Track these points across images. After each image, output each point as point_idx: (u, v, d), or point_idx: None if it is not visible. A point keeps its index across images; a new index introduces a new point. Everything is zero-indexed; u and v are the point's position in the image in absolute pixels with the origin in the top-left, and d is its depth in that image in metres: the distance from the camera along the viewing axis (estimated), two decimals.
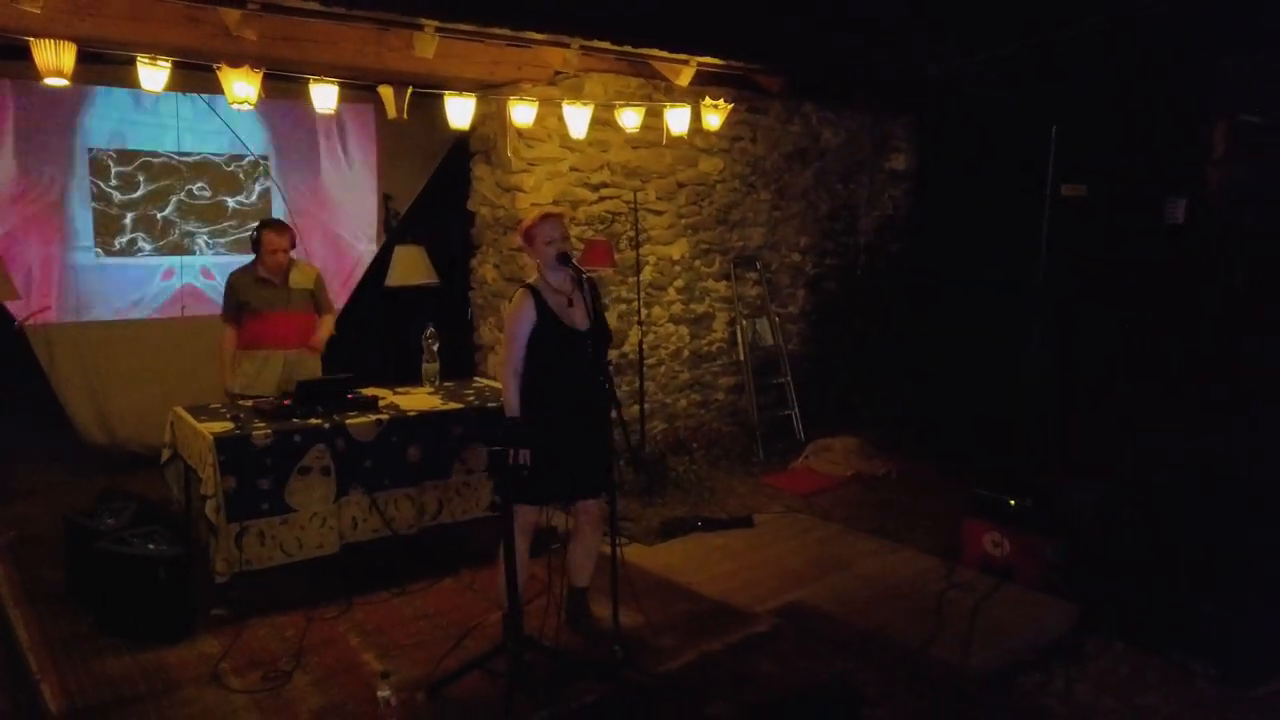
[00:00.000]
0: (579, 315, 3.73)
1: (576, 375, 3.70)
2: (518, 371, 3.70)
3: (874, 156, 7.92)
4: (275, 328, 4.99)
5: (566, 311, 3.72)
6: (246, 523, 4.11)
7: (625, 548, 4.41)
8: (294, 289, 5.03)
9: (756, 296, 7.20)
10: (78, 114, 6.23)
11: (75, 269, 6.32)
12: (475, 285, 6.52)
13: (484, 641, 3.85)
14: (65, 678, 3.54)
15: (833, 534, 5.27)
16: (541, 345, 3.68)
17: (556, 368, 3.69)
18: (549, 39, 5.20)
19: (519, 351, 3.69)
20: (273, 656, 3.75)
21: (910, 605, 4.28)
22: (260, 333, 4.98)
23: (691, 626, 4.04)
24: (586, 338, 3.71)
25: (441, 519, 4.66)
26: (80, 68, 5.74)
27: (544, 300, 3.70)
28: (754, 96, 6.86)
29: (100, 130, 6.33)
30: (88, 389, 6.35)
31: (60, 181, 6.22)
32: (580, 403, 3.73)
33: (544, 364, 3.69)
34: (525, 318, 3.69)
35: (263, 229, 4.95)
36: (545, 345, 3.68)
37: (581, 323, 3.73)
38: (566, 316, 3.71)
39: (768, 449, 6.81)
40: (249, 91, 4.19)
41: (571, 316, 3.72)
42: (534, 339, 3.68)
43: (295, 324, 5.06)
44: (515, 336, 3.70)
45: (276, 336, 5.01)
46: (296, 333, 5.07)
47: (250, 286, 4.95)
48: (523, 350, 3.69)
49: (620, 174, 6.29)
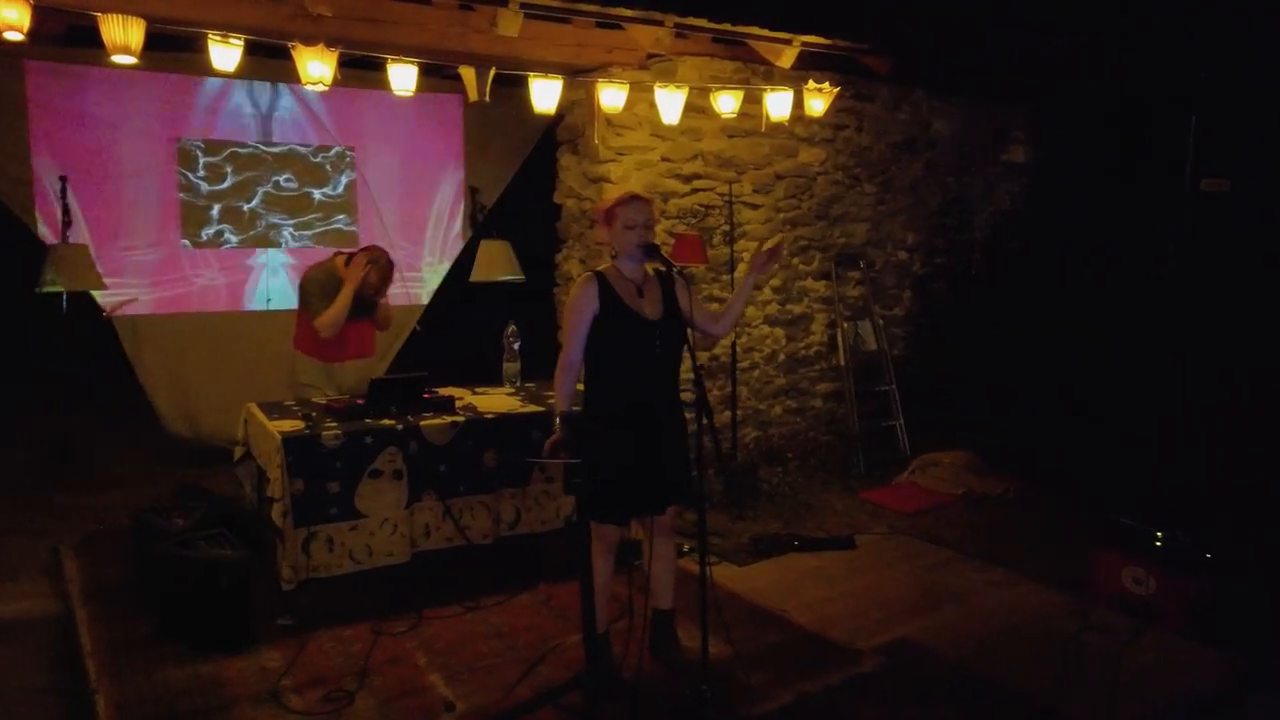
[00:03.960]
0: (649, 305, 3.37)
1: (645, 371, 3.35)
2: (573, 366, 3.34)
3: (990, 148, 7.34)
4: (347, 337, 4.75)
5: (635, 300, 3.36)
6: (314, 528, 3.90)
7: (713, 567, 4.05)
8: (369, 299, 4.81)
9: (859, 297, 6.72)
10: (166, 104, 6.18)
11: (162, 260, 6.28)
12: (560, 281, 6.24)
13: (560, 668, 3.54)
14: (122, 687, 3.36)
15: (943, 560, 4.78)
16: (606, 337, 3.33)
17: (623, 362, 3.34)
18: (640, 16, 4.86)
19: (578, 344, 3.34)
20: (336, 674, 3.51)
21: (1036, 649, 3.78)
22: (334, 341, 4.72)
23: (786, 662, 3.64)
24: (656, 329, 3.34)
25: (519, 529, 4.38)
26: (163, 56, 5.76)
27: (609, 286, 3.35)
28: (860, 81, 6.39)
29: (189, 121, 6.28)
30: (171, 380, 6.32)
31: (149, 172, 6.18)
32: (651, 403, 3.37)
33: (609, 358, 3.34)
34: (586, 306, 3.32)
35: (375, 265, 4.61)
36: (610, 336, 3.33)
37: (652, 313, 3.37)
38: (634, 304, 3.35)
39: (869, 462, 6.34)
40: (324, 72, 3.97)
41: (640, 305, 3.36)
42: (596, 330, 3.33)
43: (365, 333, 4.92)
44: (574, 326, 3.34)
45: (347, 347, 4.79)
46: (365, 343, 4.93)
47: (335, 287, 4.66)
48: (582, 342, 3.34)
49: (714, 164, 5.91)
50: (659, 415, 3.40)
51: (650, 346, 3.32)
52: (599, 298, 3.32)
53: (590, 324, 3.33)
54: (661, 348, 3.34)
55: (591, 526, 3.26)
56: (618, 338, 3.33)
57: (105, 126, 5.98)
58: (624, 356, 3.34)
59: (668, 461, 3.43)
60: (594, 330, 3.33)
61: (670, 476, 3.44)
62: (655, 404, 3.39)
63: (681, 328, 3.37)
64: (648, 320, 3.34)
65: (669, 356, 3.38)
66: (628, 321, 3.32)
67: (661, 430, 3.40)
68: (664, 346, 3.34)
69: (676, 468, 3.46)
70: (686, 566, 4.27)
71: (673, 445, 3.45)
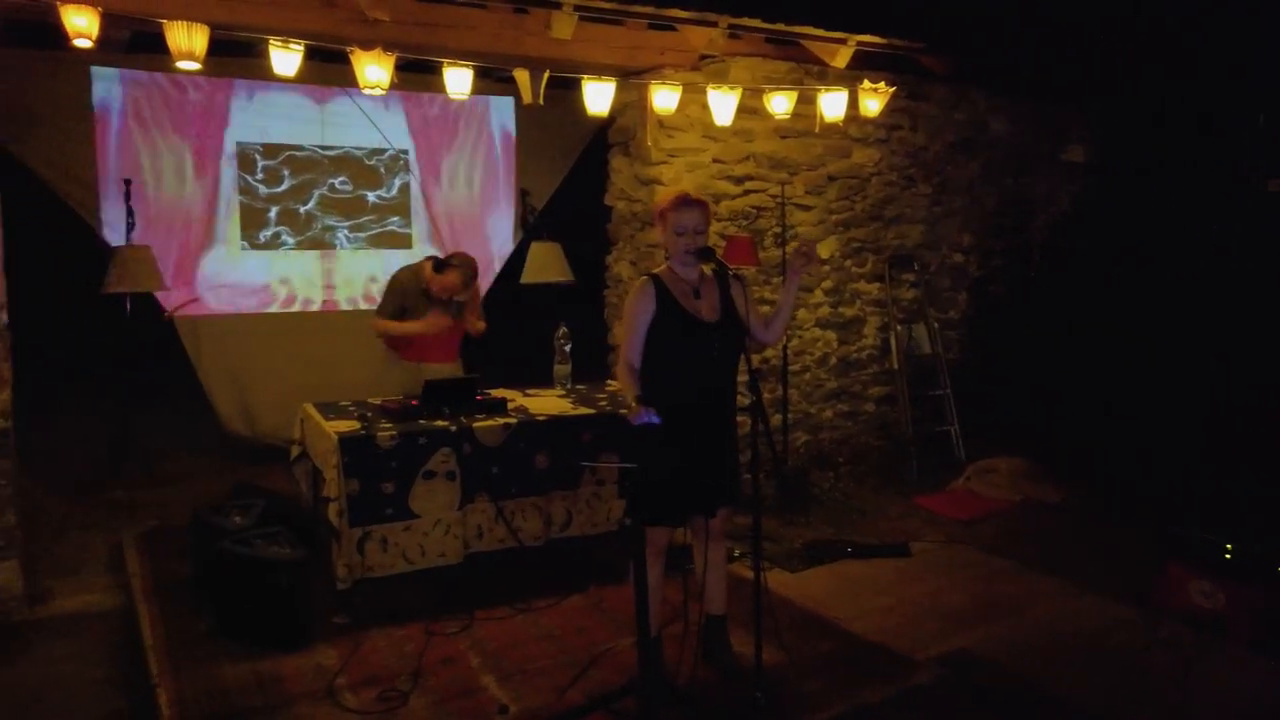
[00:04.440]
0: (706, 307, 3.34)
1: (702, 374, 3.31)
2: (633, 368, 3.33)
3: (1049, 147, 7.18)
4: (431, 341, 4.88)
5: (691, 302, 3.33)
6: (369, 528, 3.94)
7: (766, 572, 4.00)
8: (455, 302, 4.91)
9: (913, 300, 6.62)
10: (227, 109, 6.30)
11: (221, 261, 6.40)
12: (610, 283, 6.23)
13: (612, 672, 3.52)
14: (181, 683, 3.42)
15: (1001, 569, 4.67)
16: (663, 339, 3.31)
17: (679, 364, 3.31)
18: (694, 17, 4.84)
19: (637, 345, 3.33)
20: (390, 673, 3.53)
21: (1100, 663, 3.68)
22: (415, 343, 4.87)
23: (841, 671, 3.58)
24: (714, 331, 3.31)
25: (569, 532, 4.37)
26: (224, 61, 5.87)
27: (666, 288, 3.33)
28: (915, 81, 6.29)
29: (248, 125, 6.39)
30: (230, 380, 6.43)
31: (209, 175, 6.31)
32: (706, 405, 3.33)
33: (666, 361, 3.32)
34: (645, 309, 3.31)
35: (445, 267, 4.76)
36: (667, 339, 3.30)
37: (709, 315, 3.33)
38: (691, 306, 3.32)
39: (922, 467, 6.23)
40: (381, 76, 4.00)
41: (697, 307, 3.33)
42: (654, 332, 3.31)
43: (450, 338, 4.99)
44: (633, 329, 3.33)
45: (430, 350, 4.91)
46: (449, 346, 5.00)
47: (416, 293, 4.83)
48: (640, 345, 3.32)
49: (766, 165, 5.86)
50: (714, 417, 3.37)
51: (708, 349, 3.29)
52: (656, 300, 3.30)
53: (648, 327, 3.31)
54: (719, 350, 3.30)
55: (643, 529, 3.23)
56: (675, 341, 3.31)
57: (168, 131, 6.11)
58: (681, 359, 3.31)
59: (720, 464, 3.39)
60: (651, 333, 3.31)
61: (721, 479, 3.41)
62: (711, 406, 3.36)
63: (739, 330, 3.34)
64: (705, 323, 3.32)
65: (726, 359, 3.34)
66: (685, 324, 3.30)
67: (715, 433, 3.37)
68: (721, 349, 3.31)
69: (727, 470, 3.43)
70: (738, 572, 4.23)
71: (726, 448, 3.42)
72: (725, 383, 3.40)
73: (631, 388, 3.26)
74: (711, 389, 3.36)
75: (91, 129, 5.88)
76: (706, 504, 3.39)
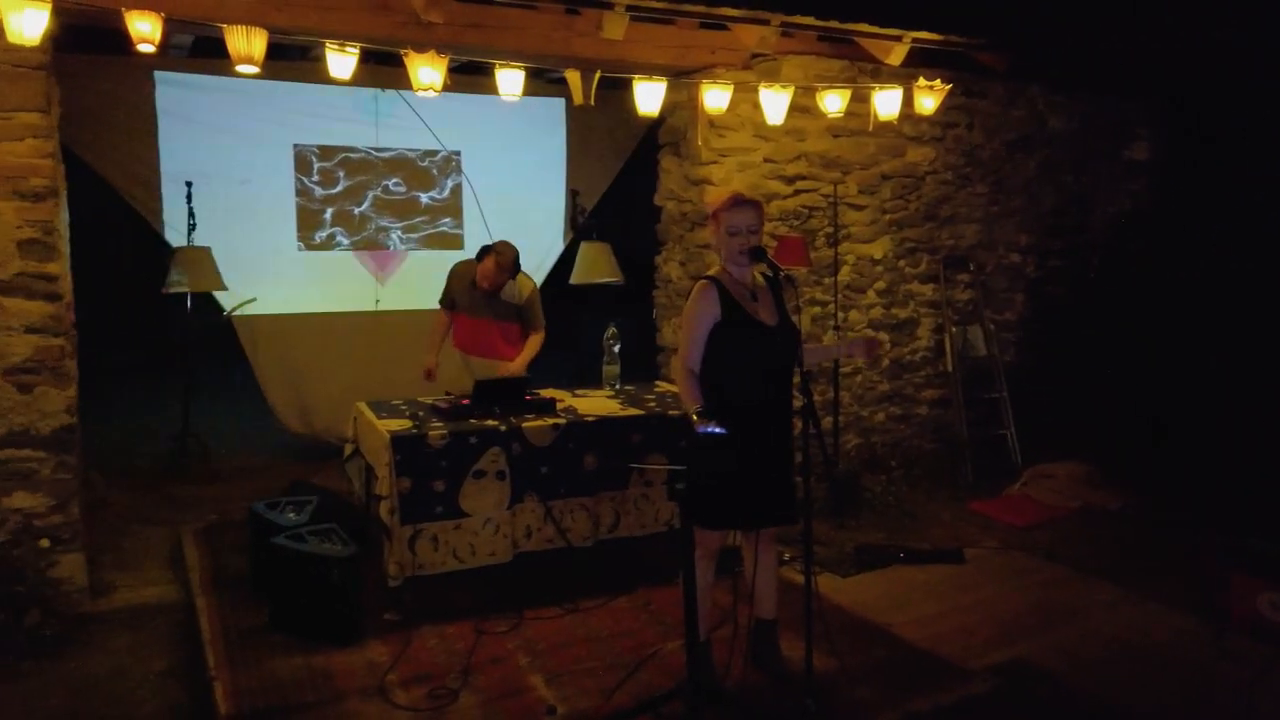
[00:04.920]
0: (764, 311, 3.30)
1: (762, 379, 3.27)
2: (695, 372, 3.29)
3: (1110, 144, 6.99)
4: (476, 333, 5.06)
5: (751, 306, 3.30)
6: (420, 526, 3.98)
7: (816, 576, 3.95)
8: (503, 300, 5.03)
9: (968, 301, 6.50)
10: (284, 112, 6.40)
11: (278, 262, 6.51)
12: (659, 284, 6.21)
13: (660, 674, 3.51)
14: (237, 677, 3.48)
15: (1059, 577, 4.56)
16: (725, 344, 3.27)
17: (741, 369, 3.27)
18: (746, 16, 4.79)
19: (697, 351, 3.28)
20: (440, 671, 3.56)
21: (1163, 675, 3.57)
22: (460, 335, 5.11)
23: (893, 678, 3.53)
24: (775, 335, 3.27)
25: (618, 533, 4.37)
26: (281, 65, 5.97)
27: (727, 291, 3.29)
28: (972, 78, 6.17)
29: (304, 127, 6.49)
30: (286, 378, 6.54)
31: (268, 177, 6.42)
32: (765, 412, 3.29)
33: (727, 365, 3.27)
34: (707, 312, 3.26)
35: (486, 253, 4.96)
36: (730, 344, 3.27)
37: (768, 319, 3.30)
38: (752, 310, 3.29)
39: (977, 472, 6.11)
40: (434, 78, 4.04)
41: (757, 311, 3.30)
42: (716, 336, 3.27)
43: (499, 334, 5.06)
44: (695, 336, 3.28)
45: (474, 343, 5.08)
46: (495, 343, 5.07)
47: (464, 287, 5.04)
48: (701, 350, 3.28)
49: (818, 165, 5.79)
50: (772, 424, 3.33)
51: (770, 353, 3.25)
52: (719, 303, 3.27)
53: (710, 331, 3.27)
54: (780, 354, 3.27)
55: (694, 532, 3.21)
56: (737, 345, 3.27)
57: (228, 133, 6.23)
58: (744, 363, 3.27)
59: (775, 472, 3.35)
60: (713, 337, 3.27)
61: (777, 489, 3.36)
62: (770, 413, 3.32)
63: (795, 334, 3.30)
64: (766, 326, 3.28)
65: (785, 363, 3.30)
66: (748, 328, 3.26)
67: (773, 440, 3.33)
68: (782, 353, 3.27)
69: (783, 480, 3.38)
70: (788, 576, 4.19)
71: (781, 455, 3.37)
72: (783, 389, 3.36)
73: (692, 396, 3.21)
74: (771, 395, 3.32)
75: (155, 132, 6.02)
76: (762, 516, 3.35)
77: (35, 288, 3.95)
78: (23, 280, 3.93)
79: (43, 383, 3.99)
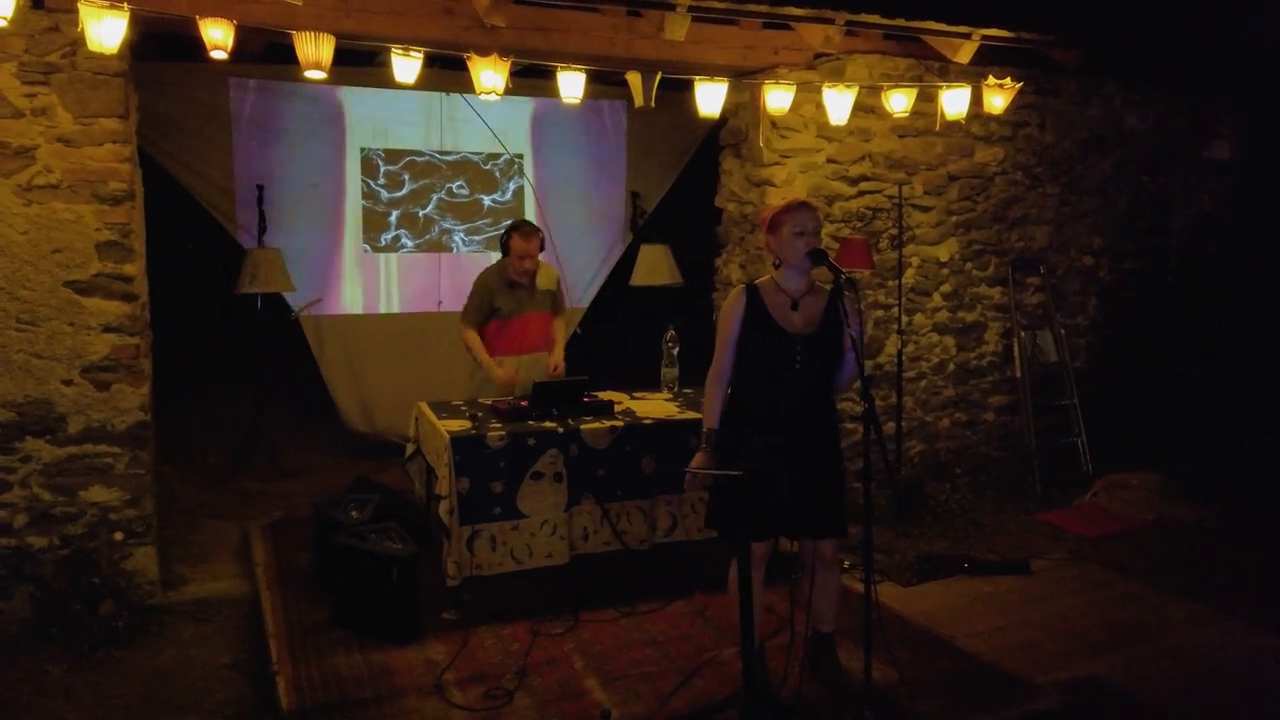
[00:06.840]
0: (801, 319, 3.25)
1: (784, 386, 3.23)
2: (724, 377, 3.33)
3: (1189, 144, 6.74)
4: (523, 331, 4.96)
5: (785, 313, 3.25)
6: (478, 526, 4.01)
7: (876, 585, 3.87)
8: (540, 290, 4.97)
9: (1038, 305, 6.32)
10: (351, 116, 6.52)
11: (345, 263, 6.63)
12: (719, 286, 6.16)
13: (716, 681, 3.47)
14: (299, 672, 3.55)
15: (1133, 592, 4.40)
16: (748, 349, 3.28)
17: (761, 375, 3.27)
18: (810, 15, 4.73)
19: (727, 356, 3.32)
20: (497, 671, 3.58)
21: (1244, 697, 3.42)
22: (509, 337, 4.93)
23: (955, 692, 3.44)
24: (797, 343, 3.21)
25: (674, 536, 4.34)
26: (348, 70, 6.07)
27: (759, 298, 3.27)
28: (1042, 76, 6.00)
29: (371, 131, 6.60)
30: (351, 378, 6.65)
31: (335, 180, 6.55)
32: (793, 421, 3.24)
33: (750, 370, 3.29)
34: (735, 316, 3.29)
35: (512, 232, 4.84)
36: (751, 350, 3.27)
37: (800, 327, 3.23)
38: (782, 317, 3.25)
39: (1046, 481, 5.93)
40: (496, 81, 4.06)
41: (788, 318, 3.25)
42: (742, 342, 3.29)
43: (540, 326, 5.03)
44: (724, 338, 3.33)
45: (524, 341, 4.97)
46: (540, 335, 5.02)
47: (501, 290, 4.90)
48: (731, 354, 3.31)
49: (883, 165, 5.69)
50: (800, 431, 3.27)
51: (789, 361, 3.21)
52: (746, 308, 3.27)
53: (738, 335, 3.29)
54: (802, 363, 3.22)
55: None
56: (756, 351, 3.27)
57: (298, 137, 6.36)
58: (762, 369, 3.28)
59: (813, 481, 3.27)
60: (740, 341, 3.29)
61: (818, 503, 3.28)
62: (795, 420, 3.26)
63: (831, 345, 3.23)
64: (790, 334, 3.23)
65: (810, 372, 3.24)
66: (769, 335, 3.24)
67: (803, 447, 3.26)
68: (804, 361, 3.22)
69: (822, 492, 3.29)
70: (847, 584, 4.11)
71: (819, 464, 3.29)
72: (812, 399, 3.29)
73: (711, 413, 3.34)
74: (795, 402, 3.26)
75: (229, 137, 6.17)
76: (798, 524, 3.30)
77: (113, 288, 4.08)
78: (101, 280, 4.06)
79: (119, 380, 4.12)
